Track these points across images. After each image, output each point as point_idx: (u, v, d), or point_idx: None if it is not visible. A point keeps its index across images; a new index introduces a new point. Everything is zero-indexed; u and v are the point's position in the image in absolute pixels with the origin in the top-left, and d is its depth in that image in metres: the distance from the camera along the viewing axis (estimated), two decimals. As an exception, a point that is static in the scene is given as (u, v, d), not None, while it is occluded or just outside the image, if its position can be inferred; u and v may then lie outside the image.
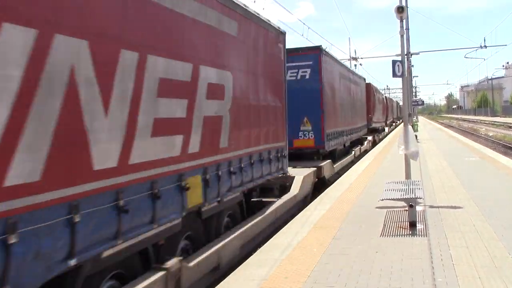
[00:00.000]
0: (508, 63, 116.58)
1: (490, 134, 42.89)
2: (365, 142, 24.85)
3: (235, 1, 7.70)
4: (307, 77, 14.13)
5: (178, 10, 5.80)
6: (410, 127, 9.32)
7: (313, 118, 13.97)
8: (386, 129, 43.43)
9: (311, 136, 13.97)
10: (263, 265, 5.77)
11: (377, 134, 31.52)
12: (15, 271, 3.39)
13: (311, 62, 14.17)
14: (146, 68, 5.03)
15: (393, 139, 29.39)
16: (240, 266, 5.87)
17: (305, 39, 27.73)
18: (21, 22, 3.47)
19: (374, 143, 28.17)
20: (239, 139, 7.68)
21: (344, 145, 18.54)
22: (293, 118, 11.77)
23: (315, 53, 14.42)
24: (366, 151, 23.37)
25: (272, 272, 5.50)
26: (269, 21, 9.64)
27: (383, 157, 19.28)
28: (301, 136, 13.99)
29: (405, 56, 10.33)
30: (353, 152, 20.13)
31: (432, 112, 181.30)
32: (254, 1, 13.83)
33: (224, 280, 5.38)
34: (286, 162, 10.42)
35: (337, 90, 16.93)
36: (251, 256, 6.26)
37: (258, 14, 8.95)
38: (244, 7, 8.18)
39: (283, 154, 10.19)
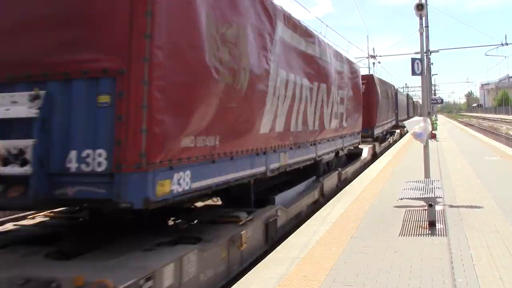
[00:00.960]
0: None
1: (511, 133, 42.17)
2: None
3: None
4: None
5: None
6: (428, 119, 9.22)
7: None
8: (377, 146, 21.50)
9: None
10: (281, 263, 5.79)
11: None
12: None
13: None
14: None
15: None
16: (259, 264, 5.90)
17: (323, 37, 27.33)
18: None
19: None
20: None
21: None
22: None
23: None
24: None
25: (290, 270, 5.52)
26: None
27: None
28: None
29: (425, 54, 10.24)
30: None
31: (451, 110, 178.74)
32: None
33: (242, 279, 5.41)
34: None
35: None
36: (270, 254, 6.29)
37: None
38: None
39: None
